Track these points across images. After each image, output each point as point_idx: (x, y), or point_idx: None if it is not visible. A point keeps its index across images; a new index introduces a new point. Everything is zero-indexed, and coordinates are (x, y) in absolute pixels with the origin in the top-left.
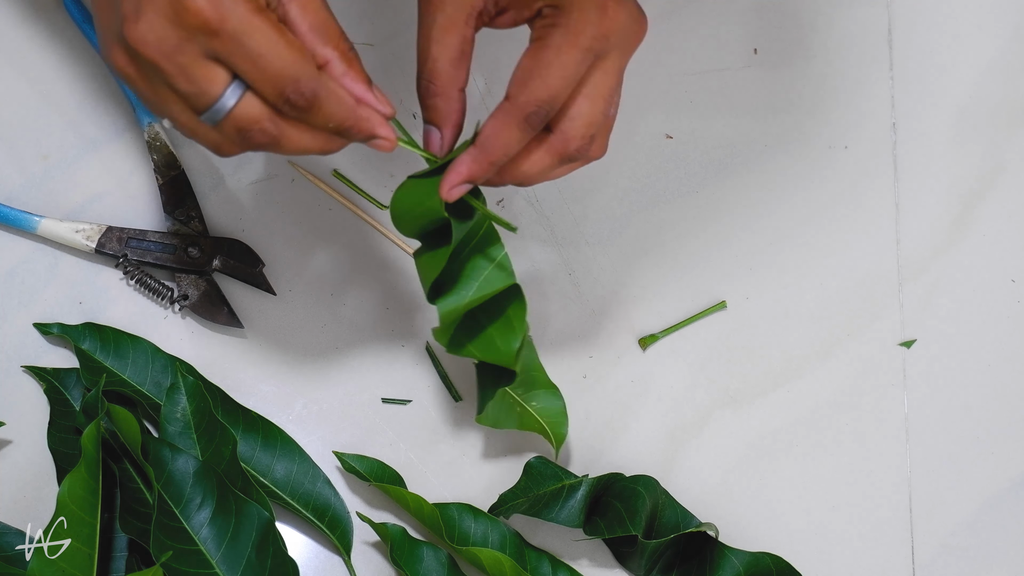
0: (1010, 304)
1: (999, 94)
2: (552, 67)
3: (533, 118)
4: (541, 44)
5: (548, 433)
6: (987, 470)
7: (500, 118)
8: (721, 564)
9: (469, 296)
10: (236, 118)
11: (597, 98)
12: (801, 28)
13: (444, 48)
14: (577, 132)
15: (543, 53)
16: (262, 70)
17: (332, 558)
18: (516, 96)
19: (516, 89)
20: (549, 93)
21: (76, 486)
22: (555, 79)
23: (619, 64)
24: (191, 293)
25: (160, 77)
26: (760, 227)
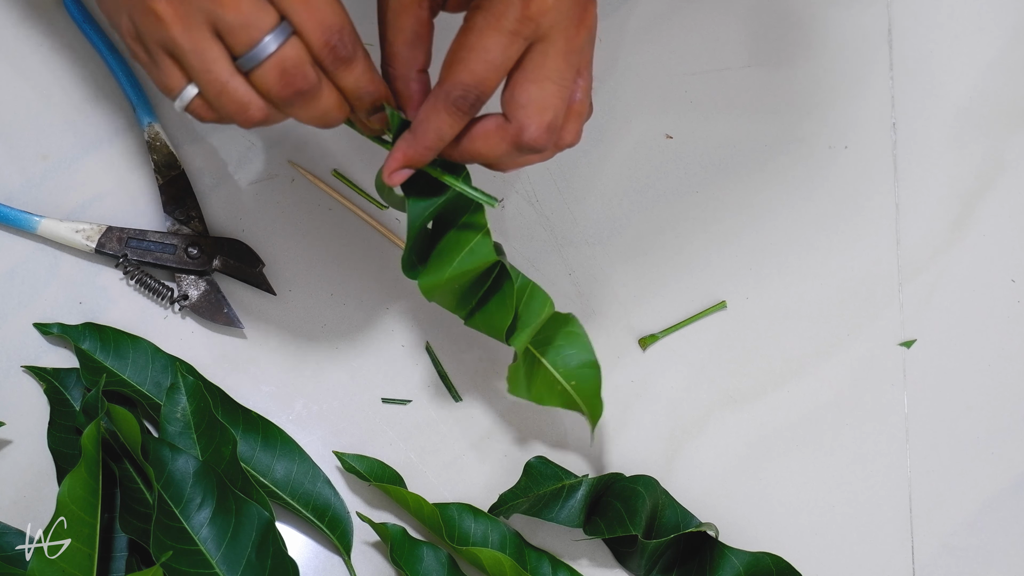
0: (1010, 304)
1: (999, 94)
2: (474, 50)
3: (460, 102)
4: (466, 28)
5: (583, 407)
6: (987, 470)
7: (430, 102)
8: (721, 564)
9: (449, 271)
10: (281, 58)
11: (543, 80)
12: (801, 28)
13: (398, 31)
14: (530, 120)
15: (466, 37)
16: (312, 13)
17: (332, 558)
18: (443, 80)
19: (444, 73)
20: (473, 77)
21: (76, 486)
22: (477, 62)
23: (565, 47)
24: (191, 293)
25: (203, 11)
26: (760, 227)
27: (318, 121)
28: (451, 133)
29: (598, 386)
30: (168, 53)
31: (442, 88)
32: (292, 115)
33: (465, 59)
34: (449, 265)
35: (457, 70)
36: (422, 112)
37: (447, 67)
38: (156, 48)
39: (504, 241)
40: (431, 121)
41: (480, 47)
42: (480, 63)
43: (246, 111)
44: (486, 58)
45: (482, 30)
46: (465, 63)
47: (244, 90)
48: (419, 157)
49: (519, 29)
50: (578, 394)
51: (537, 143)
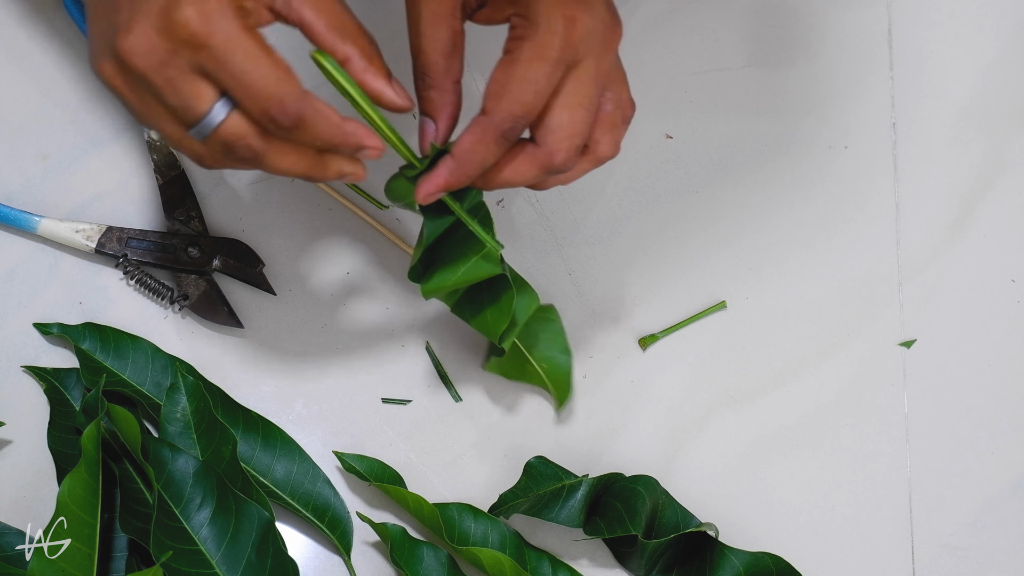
0: (1010, 304)
1: (999, 94)
2: (524, 82)
3: (509, 133)
4: (511, 58)
5: (551, 389)
6: (987, 470)
7: (476, 133)
8: (721, 564)
9: (453, 279)
10: (222, 134)
11: (575, 107)
12: (801, 28)
13: (435, 41)
14: (559, 144)
15: (514, 68)
16: (247, 88)
17: (332, 558)
18: (492, 111)
19: (491, 104)
20: (523, 108)
21: (76, 486)
22: (527, 94)
23: (595, 70)
24: (191, 293)
25: (149, 90)
26: (760, 227)
27: (296, 175)
28: (492, 162)
29: (568, 371)
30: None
31: (491, 119)
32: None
33: (514, 90)
34: (454, 274)
35: (507, 101)
36: (465, 142)
37: (494, 97)
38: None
39: (504, 241)
40: (478, 151)
41: (529, 78)
42: (530, 94)
43: (204, 163)
44: (535, 88)
45: (530, 61)
46: (514, 94)
47: (199, 147)
48: (459, 183)
49: (562, 57)
50: (549, 377)
51: (566, 166)
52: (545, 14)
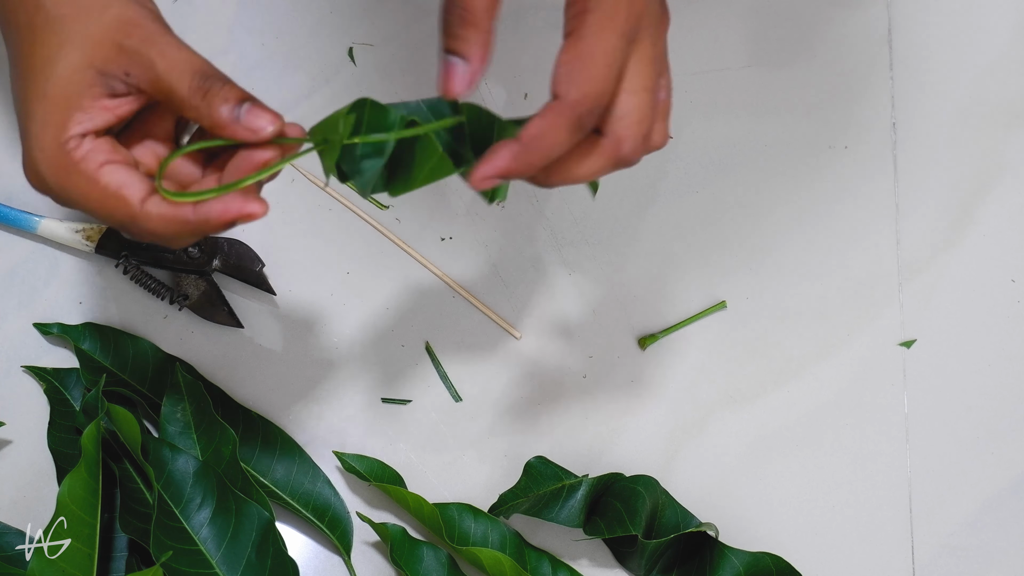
0: (1010, 304)
1: (999, 94)
2: (596, 56)
3: (586, 118)
4: (576, 36)
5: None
6: (987, 470)
7: (549, 118)
8: (721, 564)
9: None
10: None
11: (641, 91)
12: (801, 28)
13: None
14: (629, 132)
15: (582, 44)
16: (98, 219)
17: (332, 558)
18: (566, 95)
19: (563, 87)
20: (598, 86)
21: (76, 486)
22: (600, 69)
23: (652, 52)
24: (191, 293)
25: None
26: (760, 227)
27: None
28: (563, 152)
29: None
30: None
31: (565, 104)
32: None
33: (588, 68)
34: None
35: (581, 81)
36: (536, 127)
37: (565, 81)
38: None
39: (504, 241)
40: (548, 138)
41: (601, 51)
42: (603, 69)
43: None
44: (608, 62)
45: (597, 34)
46: (588, 72)
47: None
48: (522, 172)
49: (628, 29)
50: None
51: (635, 156)
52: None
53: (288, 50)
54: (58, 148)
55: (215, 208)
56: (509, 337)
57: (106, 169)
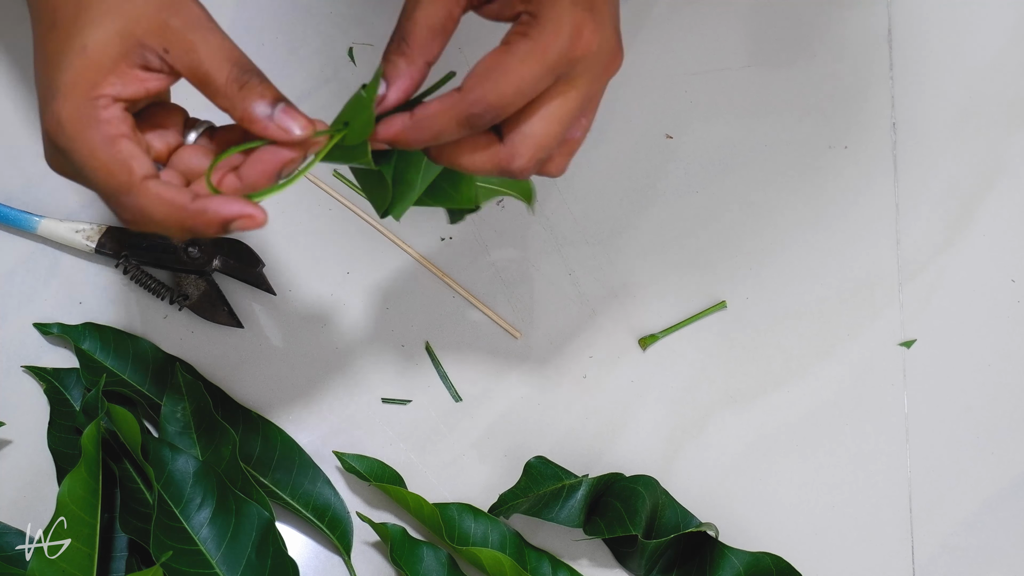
0: (1010, 304)
1: (999, 94)
2: (509, 75)
3: (475, 119)
4: (507, 49)
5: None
6: (987, 470)
7: (444, 105)
8: (721, 564)
9: (416, 192)
10: (123, 222)
11: (553, 121)
12: (801, 28)
13: (427, 15)
14: (525, 151)
15: (506, 59)
16: (90, 185)
17: (332, 558)
18: (468, 91)
19: (470, 83)
20: (499, 99)
21: (76, 486)
22: (509, 87)
23: (586, 92)
24: (191, 293)
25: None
26: (760, 227)
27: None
28: (448, 139)
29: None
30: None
31: (464, 99)
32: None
33: (498, 80)
34: (415, 190)
35: (486, 88)
36: (433, 108)
37: (476, 79)
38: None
39: (504, 241)
40: (437, 122)
41: (517, 73)
42: (511, 87)
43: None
44: (519, 86)
45: (524, 57)
46: (497, 84)
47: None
48: (406, 145)
49: (558, 65)
50: (506, 185)
51: (523, 173)
52: (555, 17)
53: (288, 50)
54: (87, 100)
55: (213, 203)
56: (509, 337)
57: (124, 140)
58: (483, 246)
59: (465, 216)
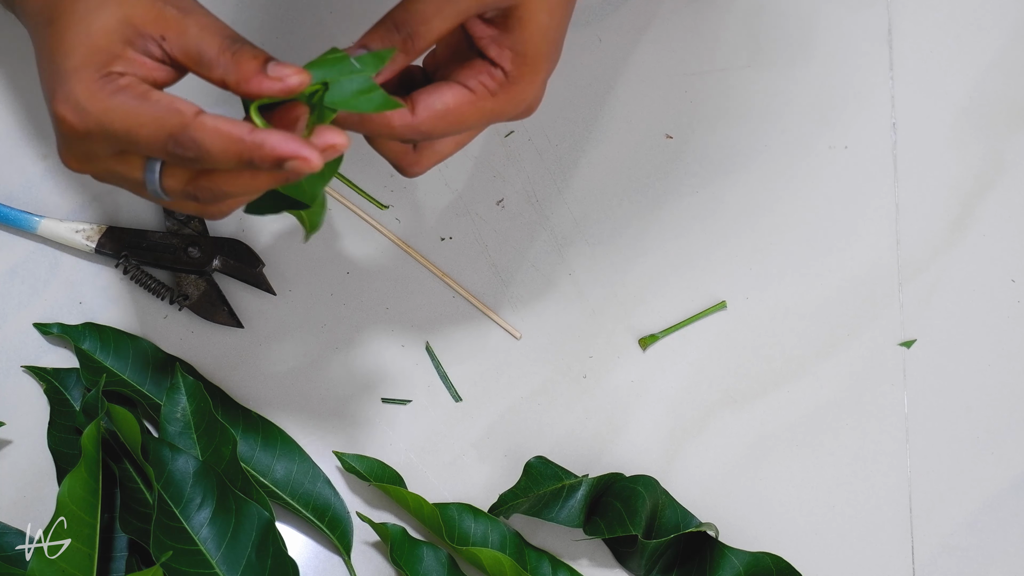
0: (1010, 304)
1: (999, 94)
2: (464, 124)
3: (415, 138)
4: (473, 100)
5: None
6: (987, 470)
7: (396, 121)
8: (721, 564)
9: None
10: (168, 191)
11: (459, 146)
12: (801, 28)
13: (441, 27)
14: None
15: (469, 109)
16: (140, 142)
17: (332, 558)
18: (421, 120)
19: (425, 115)
20: (445, 135)
21: (76, 486)
22: (455, 132)
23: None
24: (191, 293)
25: (98, 174)
26: (760, 227)
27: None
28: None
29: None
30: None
31: (415, 126)
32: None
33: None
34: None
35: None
36: (393, 121)
37: (435, 117)
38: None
39: (504, 241)
40: (380, 129)
41: (469, 122)
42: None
43: (205, 215)
44: (470, 131)
45: (483, 114)
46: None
47: (188, 205)
48: (351, 129)
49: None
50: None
51: (411, 175)
52: (525, 89)
53: (288, 50)
54: (100, 77)
55: (272, 137)
56: (509, 337)
57: (154, 92)
58: (483, 246)
59: (266, 214)
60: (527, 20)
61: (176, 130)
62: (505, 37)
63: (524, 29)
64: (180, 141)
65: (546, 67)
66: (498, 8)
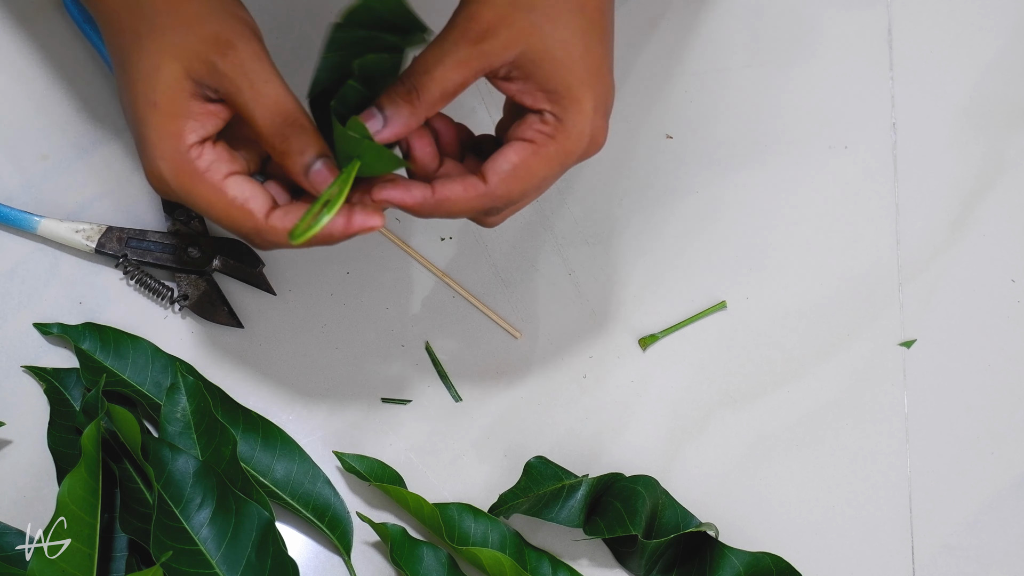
0: (1010, 304)
1: (999, 94)
2: (533, 176)
3: (493, 210)
4: (535, 149)
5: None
6: (987, 470)
7: (469, 194)
8: (721, 564)
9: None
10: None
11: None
12: (801, 28)
13: (445, 79)
14: (503, 219)
15: (533, 160)
16: (218, 224)
17: (332, 558)
18: (494, 187)
19: (497, 180)
20: (520, 195)
21: (76, 486)
22: (531, 186)
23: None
24: (191, 293)
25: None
26: (760, 227)
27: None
28: (459, 216)
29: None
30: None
31: (491, 193)
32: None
33: (523, 180)
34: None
35: (512, 186)
36: (457, 193)
37: (503, 177)
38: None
39: (504, 241)
40: (456, 208)
41: (540, 175)
42: (533, 186)
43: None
44: (540, 185)
45: (550, 161)
46: (521, 183)
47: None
48: (420, 215)
49: (571, 165)
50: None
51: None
52: (579, 123)
53: (288, 50)
54: (181, 157)
55: (338, 223)
56: (509, 337)
57: (231, 181)
58: (483, 246)
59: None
60: (540, 61)
61: (250, 232)
62: (530, 84)
63: (540, 69)
64: (253, 240)
65: (588, 95)
66: (506, 62)
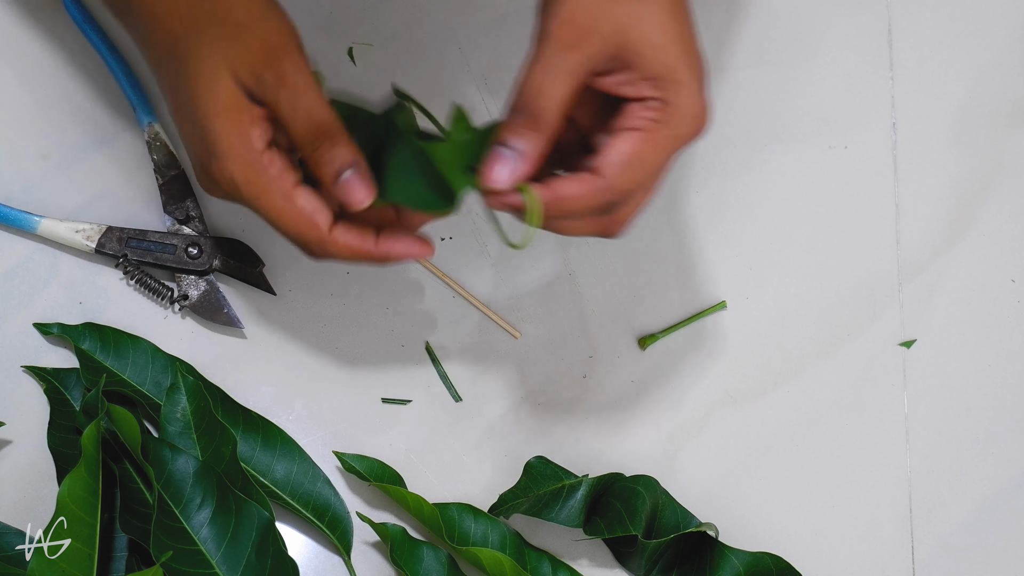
0: (1010, 304)
1: (999, 94)
2: (648, 164)
3: (612, 205)
4: (645, 136)
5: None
6: (987, 470)
7: (585, 190)
8: (721, 564)
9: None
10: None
11: (653, 193)
12: (801, 28)
13: (559, 95)
14: (630, 224)
15: (646, 148)
16: (281, 231)
17: (332, 558)
18: (611, 179)
19: (612, 172)
20: (637, 186)
21: (76, 486)
22: (648, 175)
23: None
24: (191, 293)
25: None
26: (760, 227)
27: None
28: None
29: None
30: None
31: (610, 186)
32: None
33: (637, 169)
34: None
35: (627, 177)
36: (573, 190)
37: (618, 168)
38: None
39: None
40: (575, 206)
41: (655, 162)
42: (649, 175)
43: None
44: (656, 171)
45: (662, 146)
46: (636, 173)
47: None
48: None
49: (683, 149)
50: None
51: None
52: (687, 104)
53: None
54: (255, 163)
55: (396, 247)
56: (509, 337)
57: (300, 191)
58: (483, 246)
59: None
60: (641, 49)
61: (313, 243)
62: (632, 74)
63: (641, 57)
64: (313, 250)
65: (689, 75)
66: (606, 56)
